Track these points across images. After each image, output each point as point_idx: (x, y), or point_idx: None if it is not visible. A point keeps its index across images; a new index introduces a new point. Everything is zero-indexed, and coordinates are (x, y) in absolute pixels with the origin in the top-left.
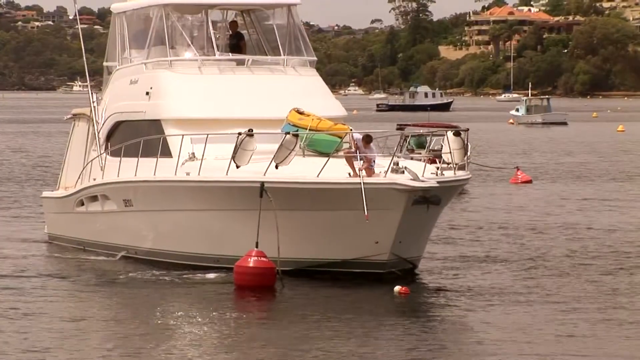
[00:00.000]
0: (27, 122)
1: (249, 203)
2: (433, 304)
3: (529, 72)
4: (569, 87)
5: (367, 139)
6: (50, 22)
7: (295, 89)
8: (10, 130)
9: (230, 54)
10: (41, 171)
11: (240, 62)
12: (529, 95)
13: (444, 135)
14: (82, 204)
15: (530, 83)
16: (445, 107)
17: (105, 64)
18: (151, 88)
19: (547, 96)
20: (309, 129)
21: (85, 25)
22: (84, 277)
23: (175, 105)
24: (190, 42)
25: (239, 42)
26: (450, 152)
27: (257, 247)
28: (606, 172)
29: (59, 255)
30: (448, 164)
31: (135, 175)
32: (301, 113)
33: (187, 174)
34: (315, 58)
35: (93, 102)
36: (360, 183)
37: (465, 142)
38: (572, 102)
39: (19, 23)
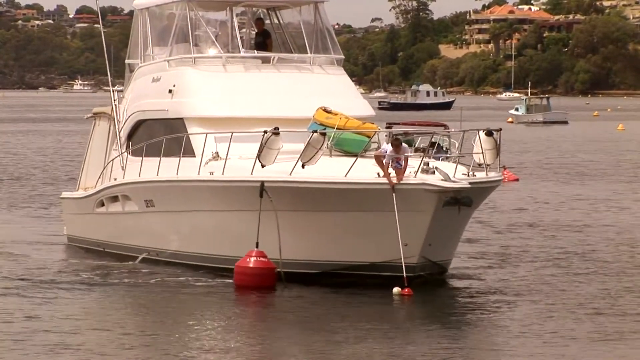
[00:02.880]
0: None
1: (271, 204)
2: (432, 305)
3: (529, 71)
4: (569, 85)
5: (397, 142)
6: (50, 21)
7: (322, 87)
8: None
9: (255, 51)
10: (60, 170)
11: (266, 60)
12: (529, 94)
13: (430, 134)
14: (103, 205)
15: (530, 82)
16: (446, 105)
17: (127, 61)
18: (174, 86)
19: (547, 95)
20: (337, 128)
21: (85, 24)
22: (104, 280)
23: (198, 103)
24: (214, 40)
25: (265, 39)
26: (482, 153)
27: (257, 247)
28: (597, 171)
29: (78, 257)
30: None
31: (157, 175)
32: (328, 112)
33: (211, 173)
34: (342, 56)
35: (114, 100)
36: (389, 184)
37: (498, 142)
38: (573, 101)
39: (19, 22)
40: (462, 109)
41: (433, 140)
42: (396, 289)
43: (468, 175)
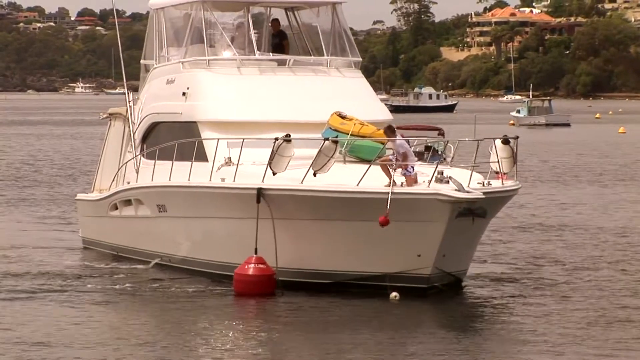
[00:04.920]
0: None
1: (283, 212)
2: (429, 310)
3: (530, 74)
4: (571, 88)
5: (390, 129)
6: (51, 24)
7: (338, 90)
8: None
9: (271, 53)
10: (76, 172)
11: (282, 63)
12: (531, 96)
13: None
14: (116, 208)
15: (531, 84)
16: (449, 108)
17: (142, 62)
18: (188, 88)
19: (548, 97)
20: (351, 134)
21: (87, 27)
22: (113, 286)
23: (212, 106)
24: (230, 41)
25: (281, 41)
26: (498, 161)
27: (256, 253)
28: (590, 174)
29: (90, 261)
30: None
31: (170, 179)
32: (343, 117)
33: (222, 179)
34: (360, 59)
35: (129, 101)
36: (388, 193)
37: (515, 150)
38: (574, 103)
39: (21, 24)
40: (476, 116)
41: (428, 144)
42: (393, 294)
43: (483, 185)
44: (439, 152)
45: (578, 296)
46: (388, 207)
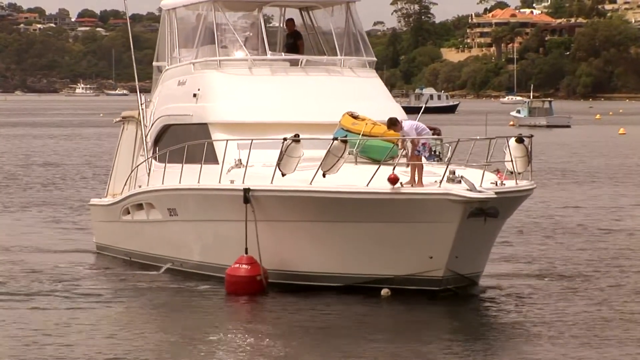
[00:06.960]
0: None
1: (298, 214)
2: (423, 312)
3: (531, 75)
4: (571, 89)
5: (393, 120)
6: (52, 25)
7: (351, 91)
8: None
9: (283, 53)
10: (91, 176)
11: (294, 63)
12: (531, 97)
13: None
14: (128, 213)
15: (532, 85)
16: (451, 109)
17: (154, 63)
18: (199, 89)
19: (549, 99)
20: (362, 135)
21: (87, 28)
22: (121, 292)
23: (223, 108)
24: (242, 41)
25: (295, 41)
26: (512, 160)
27: (246, 253)
28: (585, 175)
29: (101, 267)
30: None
31: (180, 182)
32: (355, 117)
33: (232, 181)
34: (374, 58)
35: (142, 104)
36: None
37: (529, 149)
38: (575, 104)
39: (21, 25)
40: (487, 115)
41: (439, 144)
42: (384, 290)
43: (496, 185)
44: (435, 152)
45: (588, 298)
46: (395, 165)
